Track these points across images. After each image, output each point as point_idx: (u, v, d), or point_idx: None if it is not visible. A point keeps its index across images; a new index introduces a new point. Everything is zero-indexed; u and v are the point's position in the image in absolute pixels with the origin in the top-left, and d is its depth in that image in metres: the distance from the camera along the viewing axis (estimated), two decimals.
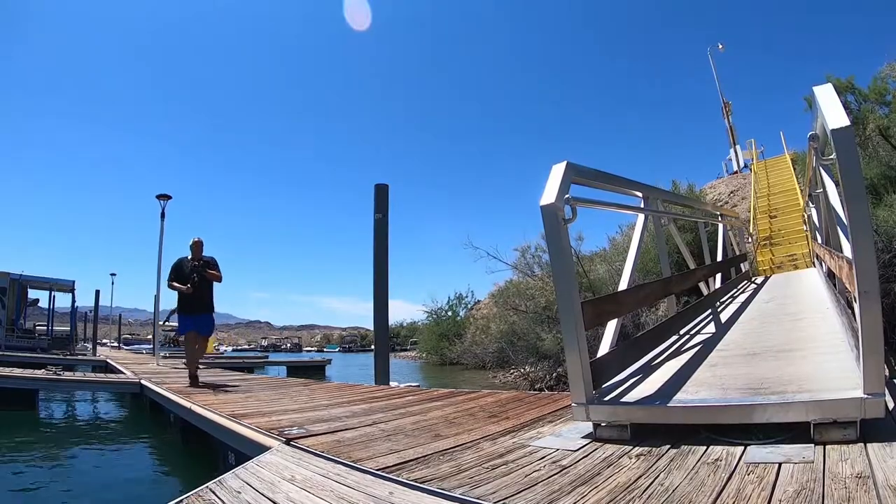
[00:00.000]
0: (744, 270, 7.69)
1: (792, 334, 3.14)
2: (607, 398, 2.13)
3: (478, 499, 1.41)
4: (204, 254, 5.76)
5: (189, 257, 5.66)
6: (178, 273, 5.56)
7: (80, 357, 13.94)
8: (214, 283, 5.76)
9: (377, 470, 1.74)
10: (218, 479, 1.76)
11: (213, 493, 1.62)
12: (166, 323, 12.49)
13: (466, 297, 24.33)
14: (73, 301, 17.80)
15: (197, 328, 5.65)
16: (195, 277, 5.48)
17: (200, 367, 6.21)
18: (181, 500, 1.53)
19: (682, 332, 3.60)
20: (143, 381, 6.77)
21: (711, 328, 3.75)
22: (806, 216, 8.69)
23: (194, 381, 5.69)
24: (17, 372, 7.55)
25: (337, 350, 64.99)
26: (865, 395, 1.58)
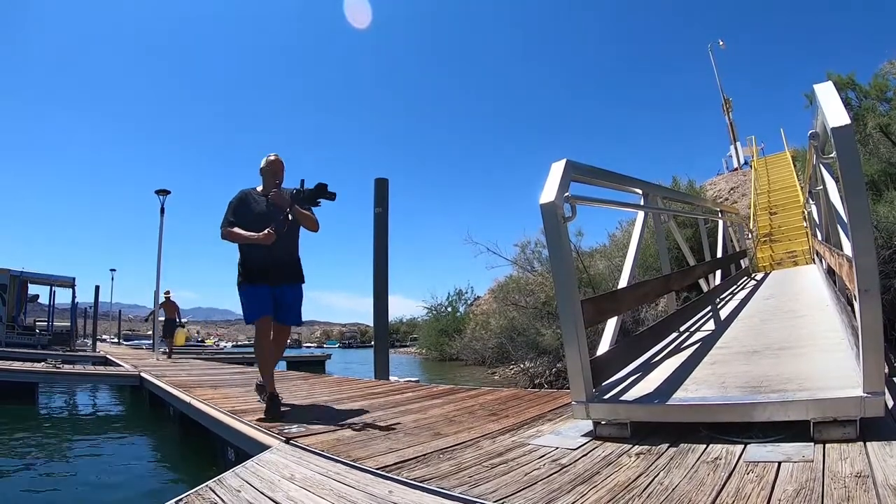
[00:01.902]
0: (744, 267, 7.69)
1: (792, 332, 3.14)
2: (607, 396, 2.13)
3: (477, 498, 1.41)
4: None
5: (260, 188, 3.27)
6: (242, 212, 3.13)
7: (79, 353, 13.96)
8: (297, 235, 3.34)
9: (377, 469, 1.74)
10: (218, 477, 1.77)
11: (214, 491, 1.62)
12: (149, 319, 12.42)
13: (466, 292, 24.41)
14: (74, 297, 17.81)
15: (276, 309, 3.17)
16: (287, 215, 3.06)
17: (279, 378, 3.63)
18: (182, 499, 1.53)
19: (681, 329, 3.60)
20: (142, 374, 6.79)
21: (711, 325, 3.75)
22: (806, 213, 8.69)
23: (273, 403, 3.00)
24: (16, 365, 7.56)
25: (337, 346, 65.08)
26: (865, 394, 1.58)
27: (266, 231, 2.99)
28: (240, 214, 3.14)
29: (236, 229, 3.08)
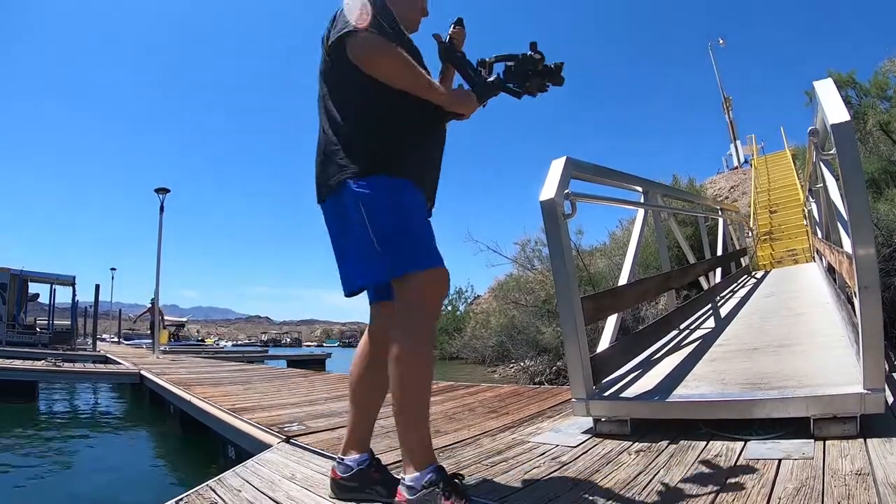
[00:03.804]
0: (744, 265, 7.69)
1: (792, 329, 3.14)
2: (607, 393, 2.13)
3: (478, 497, 1.41)
4: None
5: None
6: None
7: (79, 352, 13.98)
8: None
9: None
10: (218, 477, 1.76)
11: (214, 491, 1.62)
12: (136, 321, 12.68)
13: (466, 291, 24.37)
14: (74, 296, 17.80)
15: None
16: (500, 80, 1.43)
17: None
18: (182, 498, 1.53)
19: (682, 326, 3.60)
20: (142, 372, 6.80)
21: (711, 323, 3.75)
22: (806, 211, 8.69)
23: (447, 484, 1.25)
24: (16, 363, 7.57)
25: (337, 345, 65.07)
26: (865, 391, 1.58)
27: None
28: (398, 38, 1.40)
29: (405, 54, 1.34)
